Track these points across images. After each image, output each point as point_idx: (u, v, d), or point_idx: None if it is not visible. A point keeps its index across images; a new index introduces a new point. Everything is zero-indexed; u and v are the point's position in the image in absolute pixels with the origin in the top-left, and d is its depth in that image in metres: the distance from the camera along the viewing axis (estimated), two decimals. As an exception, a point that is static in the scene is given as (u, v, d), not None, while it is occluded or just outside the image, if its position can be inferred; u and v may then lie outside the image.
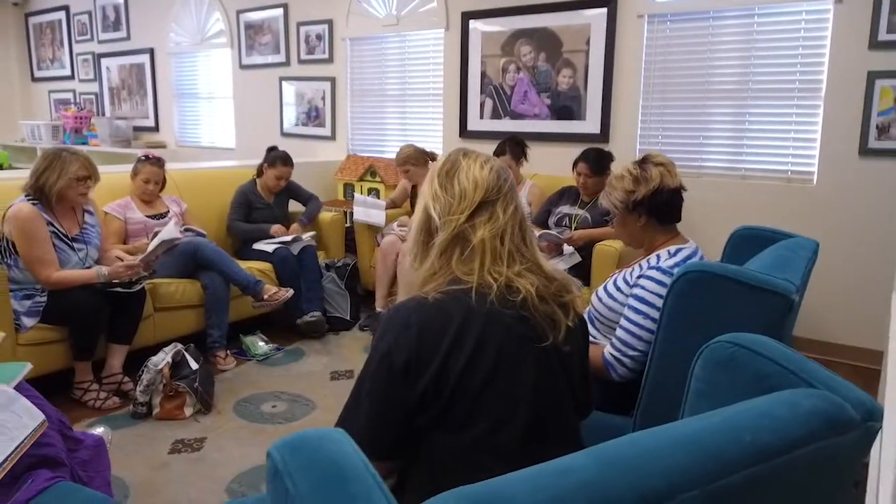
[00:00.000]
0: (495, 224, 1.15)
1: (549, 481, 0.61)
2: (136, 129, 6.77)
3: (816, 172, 3.34)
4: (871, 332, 3.20)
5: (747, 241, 2.08)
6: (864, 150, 3.18)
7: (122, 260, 2.86)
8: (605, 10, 3.81)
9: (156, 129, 6.66)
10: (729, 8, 3.46)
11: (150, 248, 2.81)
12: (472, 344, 1.06)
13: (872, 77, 3.12)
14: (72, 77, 7.41)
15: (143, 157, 3.42)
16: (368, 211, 3.99)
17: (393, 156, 4.82)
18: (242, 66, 5.73)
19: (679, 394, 1.55)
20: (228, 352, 3.26)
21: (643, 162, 1.83)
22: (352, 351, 3.48)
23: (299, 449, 0.64)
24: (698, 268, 1.47)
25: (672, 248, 1.79)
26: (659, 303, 1.67)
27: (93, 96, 7.24)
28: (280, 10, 5.34)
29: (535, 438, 1.09)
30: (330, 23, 5.07)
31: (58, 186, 2.64)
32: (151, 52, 6.47)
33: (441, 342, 1.06)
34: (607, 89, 3.88)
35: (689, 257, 1.77)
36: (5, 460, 1.34)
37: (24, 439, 1.39)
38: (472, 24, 4.34)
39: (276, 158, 3.86)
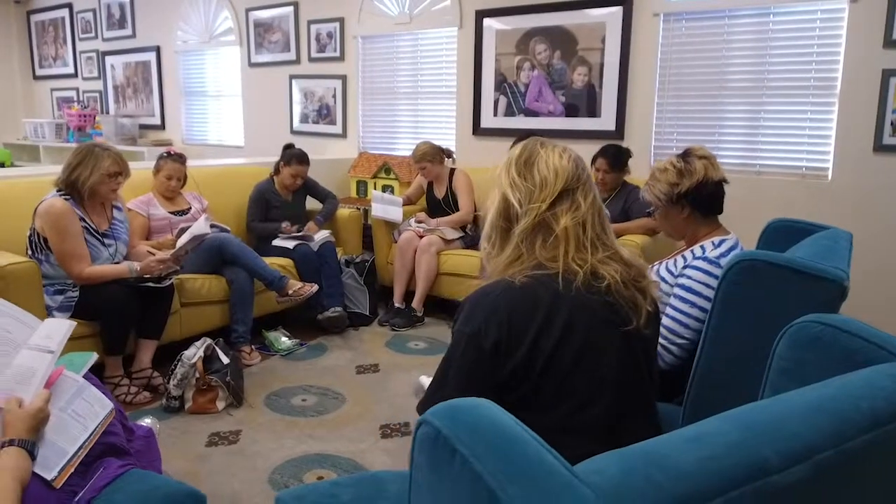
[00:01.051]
0: (577, 212, 1.18)
1: (701, 443, 0.64)
2: (142, 126, 6.76)
3: (831, 168, 3.40)
4: (890, 323, 3.26)
5: (782, 233, 2.13)
6: (879, 147, 3.25)
7: (152, 255, 2.88)
8: (620, 8, 3.86)
9: (162, 126, 6.65)
10: (744, 7, 3.52)
11: (181, 242, 2.82)
12: (560, 326, 1.09)
13: (887, 75, 3.18)
14: (75, 75, 7.38)
15: (166, 154, 3.43)
16: (386, 208, 4.02)
17: (405, 153, 4.88)
18: (252, 65, 5.74)
19: (730, 380, 1.60)
20: (253, 347, 3.28)
21: (686, 155, 1.87)
22: (374, 346, 3.50)
23: (460, 414, 0.67)
24: (752, 256, 1.51)
25: (716, 240, 1.83)
26: (706, 292, 1.71)
27: (97, 94, 7.22)
28: (290, 9, 5.36)
29: (618, 418, 1.13)
30: (341, 21, 5.10)
31: (90, 182, 2.66)
32: (158, 49, 6.47)
33: (530, 324, 1.09)
34: (622, 87, 3.93)
35: (731, 248, 1.81)
36: (80, 447, 1.36)
37: (96, 427, 1.41)
38: (487, 22, 4.38)
39: (293, 157, 3.87)
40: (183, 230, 3.13)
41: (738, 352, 1.57)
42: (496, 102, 4.44)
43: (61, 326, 1.41)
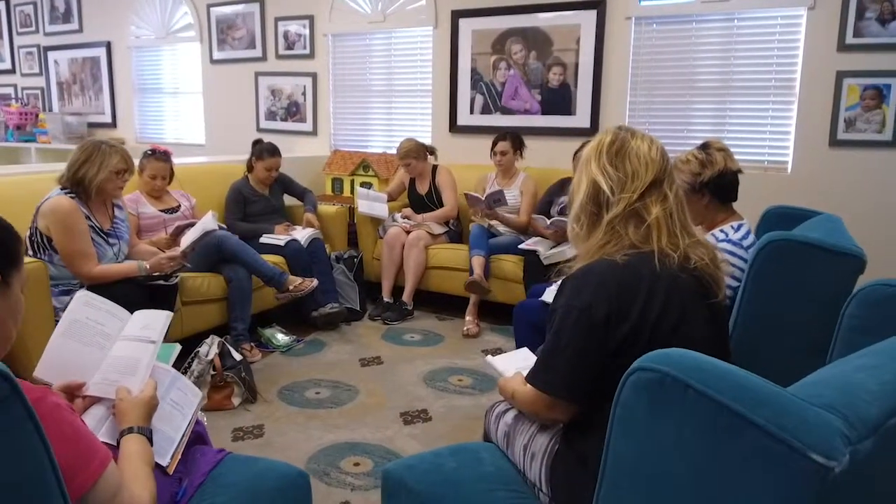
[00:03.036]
0: (666, 203, 1.31)
1: (870, 372, 0.78)
2: (91, 125, 6.50)
3: (791, 161, 3.71)
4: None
5: (780, 219, 2.35)
6: (834, 141, 3.57)
7: (155, 253, 2.84)
8: (594, 12, 4.06)
9: (113, 124, 6.42)
10: (711, 12, 3.78)
11: (190, 239, 2.80)
12: (661, 298, 1.22)
13: (840, 76, 3.51)
14: (13, 71, 7.01)
15: (150, 152, 3.36)
16: (372, 204, 4.07)
17: (379, 151, 4.94)
18: (214, 61, 5.64)
19: (763, 354, 1.77)
20: (252, 344, 3.28)
21: (706, 147, 2.05)
22: (371, 339, 3.56)
23: (679, 358, 0.78)
24: (783, 237, 1.70)
25: (734, 224, 2.02)
26: (737, 273, 1.89)
27: (38, 91, 6.89)
28: (256, 5, 5.30)
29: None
30: (311, 18, 5.09)
31: (98, 180, 2.60)
32: (108, 45, 6.24)
33: (636, 297, 1.22)
34: (596, 86, 4.13)
35: (748, 232, 2.00)
36: (183, 435, 1.39)
37: (192, 415, 1.45)
38: (463, 22, 4.50)
39: (264, 150, 3.84)
40: (180, 228, 3.10)
41: (770, 322, 1.75)
42: (472, 100, 4.57)
43: (159, 317, 1.43)
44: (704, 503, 0.75)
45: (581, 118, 4.21)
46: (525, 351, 1.81)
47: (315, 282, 3.37)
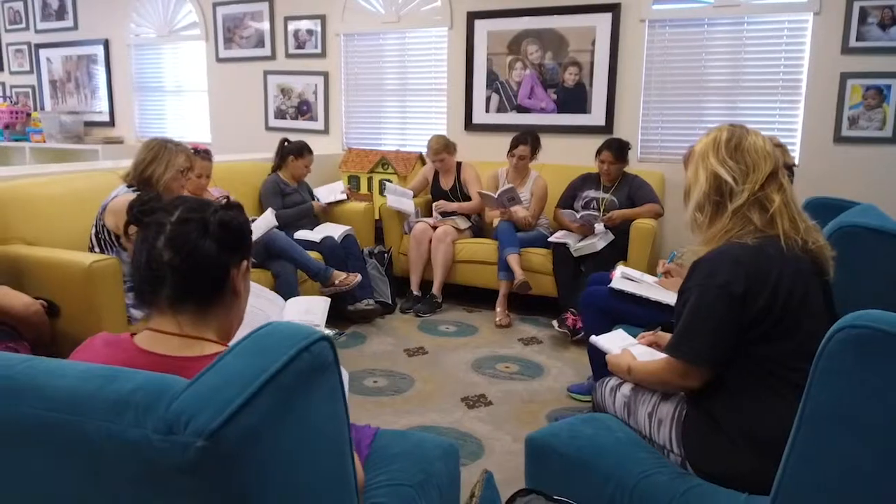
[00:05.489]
0: (783, 191, 1.47)
1: None
2: (87, 123, 6.42)
3: (798, 157, 3.96)
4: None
5: (821, 209, 2.55)
6: (839, 138, 3.84)
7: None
8: (609, 14, 4.25)
9: (111, 123, 6.35)
10: (721, 16, 4.01)
11: (256, 236, 2.87)
12: (790, 275, 1.39)
13: (845, 77, 3.77)
14: (0, 69, 6.86)
15: (193, 151, 3.41)
16: (400, 199, 4.18)
17: (393, 149, 5.04)
18: (220, 60, 5.65)
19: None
20: (299, 337, 3.36)
21: (765, 144, 2.23)
22: (408, 331, 3.68)
23: (891, 319, 0.94)
24: (851, 223, 1.88)
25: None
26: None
27: (28, 90, 6.76)
28: (265, 4, 5.34)
29: (827, 345, 1.44)
30: (323, 18, 5.16)
31: (165, 178, 2.66)
32: (106, 42, 6.18)
33: (770, 274, 1.38)
34: (611, 85, 4.32)
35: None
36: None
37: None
38: (478, 23, 4.63)
39: (303, 149, 4.01)
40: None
41: (849, 301, 1.94)
42: (488, 99, 4.71)
43: (318, 302, 1.53)
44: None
45: (596, 116, 4.39)
46: (620, 331, 1.97)
47: (359, 277, 3.47)
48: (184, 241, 1.04)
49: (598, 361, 2.39)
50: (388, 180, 4.78)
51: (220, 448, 0.67)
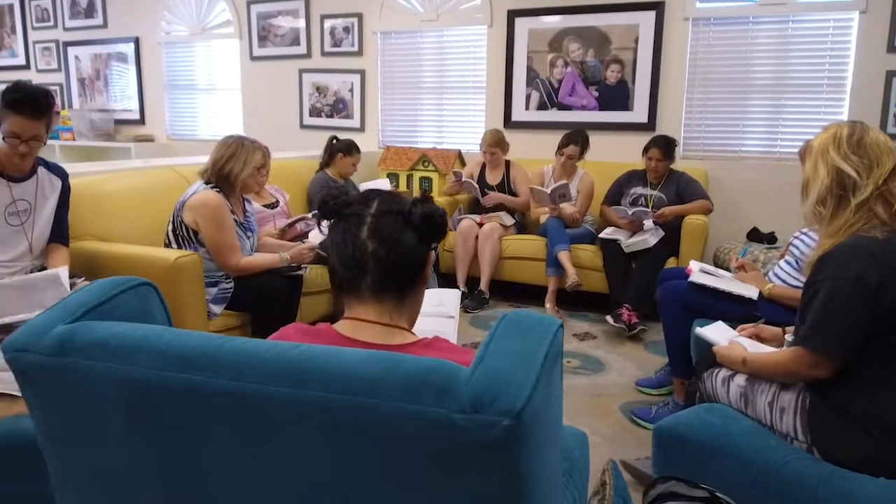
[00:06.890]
0: None
1: None
2: (118, 121, 6.44)
3: (842, 154, 4.01)
4: None
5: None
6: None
7: (284, 243, 2.94)
8: (653, 12, 4.28)
9: (141, 121, 6.37)
10: (766, 15, 4.05)
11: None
12: (920, 266, 1.44)
13: (890, 75, 3.81)
14: (27, 66, 6.87)
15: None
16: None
17: (429, 146, 5.08)
18: (254, 58, 5.67)
19: None
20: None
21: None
22: (462, 325, 3.71)
23: None
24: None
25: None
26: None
27: (56, 88, 6.77)
28: (300, 3, 5.37)
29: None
30: (360, 16, 5.19)
31: (243, 175, 2.69)
32: (137, 40, 6.19)
33: (902, 266, 1.43)
34: (654, 83, 4.36)
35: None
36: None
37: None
38: (519, 21, 4.66)
39: (351, 147, 4.08)
40: (295, 222, 3.20)
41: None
42: (528, 97, 4.74)
43: (451, 294, 1.57)
44: None
45: (639, 114, 4.43)
46: (720, 323, 2.01)
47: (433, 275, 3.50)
48: (388, 233, 1.07)
49: (680, 356, 2.44)
50: (428, 178, 4.82)
51: (521, 427, 0.71)
